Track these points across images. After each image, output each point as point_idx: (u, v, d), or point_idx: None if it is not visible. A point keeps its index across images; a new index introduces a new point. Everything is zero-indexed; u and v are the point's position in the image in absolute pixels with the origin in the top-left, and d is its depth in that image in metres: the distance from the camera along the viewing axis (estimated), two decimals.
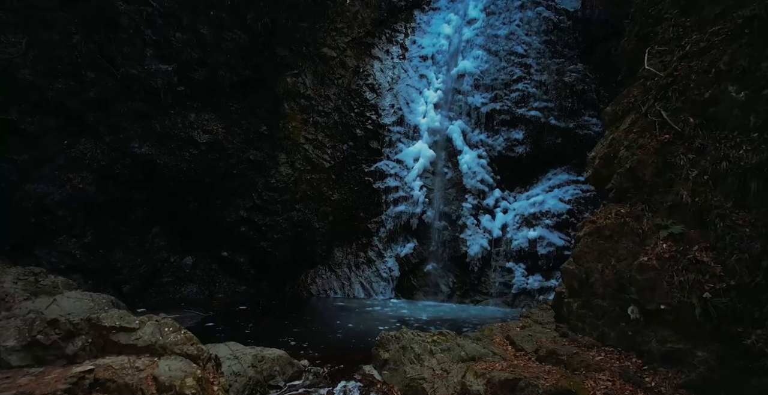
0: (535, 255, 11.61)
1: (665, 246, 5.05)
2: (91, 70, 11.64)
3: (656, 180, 5.50)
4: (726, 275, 4.44)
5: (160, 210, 12.63)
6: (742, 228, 4.47)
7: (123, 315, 4.90)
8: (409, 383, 6.38)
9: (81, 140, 11.68)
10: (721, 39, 5.22)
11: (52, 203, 10.96)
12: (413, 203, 12.93)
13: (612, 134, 6.54)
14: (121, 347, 4.69)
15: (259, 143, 13.53)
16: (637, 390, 4.71)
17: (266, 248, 13.22)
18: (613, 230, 5.80)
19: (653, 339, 5.05)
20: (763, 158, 4.47)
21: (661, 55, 6.12)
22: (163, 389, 4.19)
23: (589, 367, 5.24)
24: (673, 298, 4.76)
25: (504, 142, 12.90)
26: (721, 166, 4.82)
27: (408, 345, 6.85)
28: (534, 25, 13.27)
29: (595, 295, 5.94)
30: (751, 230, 4.39)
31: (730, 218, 4.58)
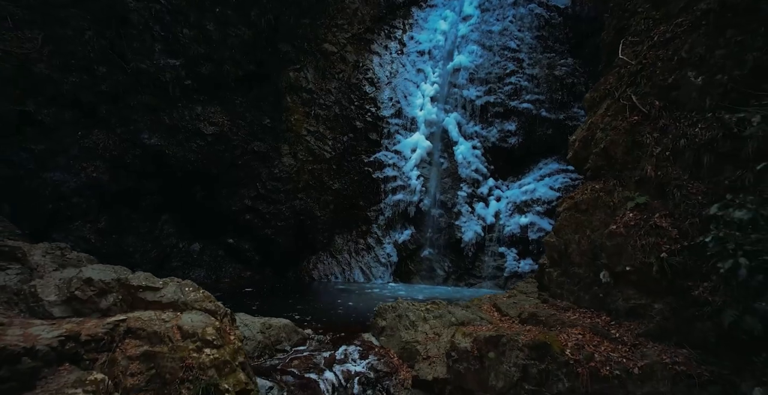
0: (526, 240, 12.20)
1: (631, 215, 5.64)
2: (103, 64, 12.24)
3: (626, 158, 6.09)
4: (680, 237, 5.04)
5: (169, 199, 13.23)
6: (696, 196, 5.06)
7: (148, 276, 5.50)
8: (404, 346, 7.00)
9: (94, 131, 12.29)
10: (683, 30, 5.80)
11: (67, 190, 11.57)
12: (411, 191, 13.52)
13: (590, 119, 7.13)
14: (147, 303, 5.29)
15: (263, 134, 14.11)
16: (603, 341, 5.31)
17: (270, 235, 13.82)
18: (589, 204, 6.39)
19: (620, 298, 5.65)
20: (714, 135, 5.05)
21: (633, 46, 6.69)
22: (187, 336, 4.79)
23: (563, 324, 5.84)
24: (636, 260, 5.36)
25: (497, 133, 13.48)
26: (680, 143, 5.41)
27: (403, 313, 7.45)
28: (526, 21, 13.84)
29: (572, 264, 6.53)
30: (703, 197, 4.98)
31: (686, 188, 5.16)
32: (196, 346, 4.72)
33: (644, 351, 5.01)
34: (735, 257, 3.44)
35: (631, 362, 4.94)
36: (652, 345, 5.05)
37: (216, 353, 4.73)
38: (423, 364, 6.52)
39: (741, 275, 3.44)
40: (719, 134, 4.98)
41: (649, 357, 4.92)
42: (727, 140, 4.91)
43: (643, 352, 5.00)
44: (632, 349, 5.10)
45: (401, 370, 6.70)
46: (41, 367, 3.67)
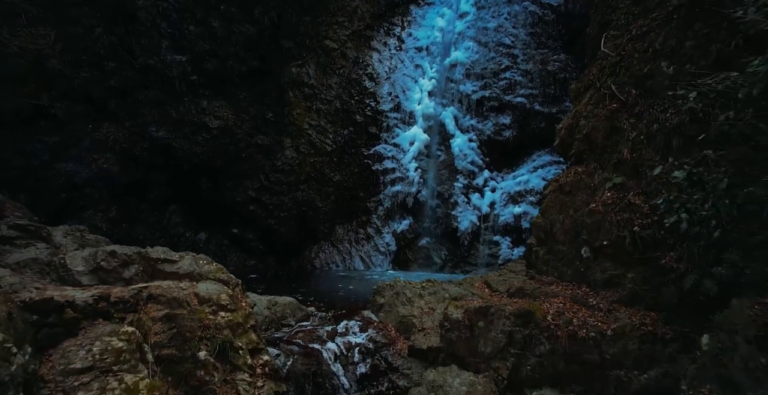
0: (520, 229, 12.69)
1: (609, 194, 6.14)
2: (112, 60, 12.72)
3: (605, 142, 6.58)
4: (651, 213, 5.53)
5: (177, 190, 13.73)
6: (665, 176, 5.55)
7: (165, 250, 6.00)
8: (401, 320, 7.51)
9: (104, 124, 12.78)
10: (658, 24, 6.28)
11: (80, 181, 12.07)
12: (409, 183, 14.01)
13: (575, 108, 7.62)
14: (165, 274, 5.79)
15: (266, 128, 14.59)
16: (582, 308, 5.81)
17: (273, 225, 14.31)
18: (572, 186, 6.88)
19: (598, 271, 6.15)
20: (682, 119, 5.53)
21: (614, 39, 7.18)
22: (203, 301, 5.29)
23: (547, 295, 6.34)
24: (612, 234, 5.85)
25: (492, 126, 13.96)
26: (653, 127, 5.90)
27: (401, 290, 7.96)
28: (521, 18, 14.30)
29: (557, 242, 7.03)
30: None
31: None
32: (212, 310, 5.23)
33: (617, 315, 5.52)
34: (678, 213, 3.92)
35: (605, 325, 5.45)
36: (624, 310, 5.56)
37: (230, 316, 5.24)
38: (418, 335, 7.03)
39: (682, 228, 3.93)
40: (686, 119, 5.46)
41: (621, 320, 5.43)
42: (693, 124, 5.40)
43: (616, 316, 5.51)
44: (607, 314, 5.60)
45: (398, 341, 7.21)
46: (81, 319, 4.17)
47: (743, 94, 3.15)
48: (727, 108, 3.45)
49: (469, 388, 5.68)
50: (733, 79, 3.33)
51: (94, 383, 3.65)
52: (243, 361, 4.93)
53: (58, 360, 3.77)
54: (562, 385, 5.56)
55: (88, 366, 3.75)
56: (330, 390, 6.38)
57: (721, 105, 3.50)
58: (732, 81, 3.32)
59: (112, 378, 3.72)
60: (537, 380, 5.73)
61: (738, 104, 3.30)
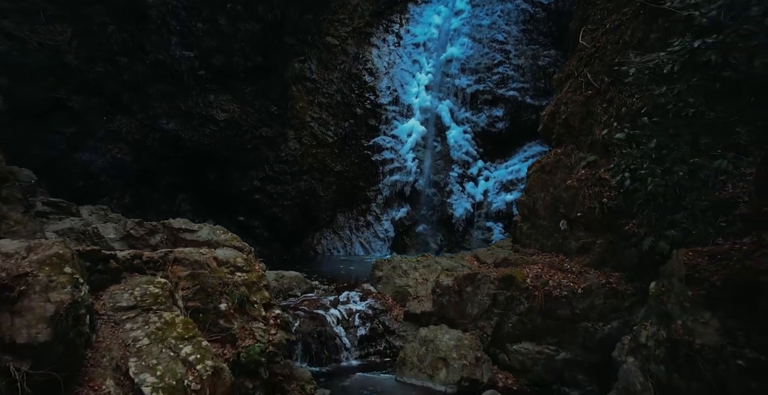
0: (511, 215, 13.32)
1: (583, 172, 6.84)
2: (125, 56, 13.40)
3: (582, 126, 7.27)
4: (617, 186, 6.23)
5: (186, 179, 14.42)
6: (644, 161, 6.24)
7: (186, 221, 6.71)
8: (397, 289, 8.23)
9: (117, 116, 13.46)
10: (628, 18, 6.98)
11: (96, 169, 12.77)
12: (407, 173, 14.71)
13: (557, 96, 8.32)
14: (186, 242, 6.50)
15: (270, 121, 15.28)
16: (557, 272, 6.52)
17: (277, 213, 15.01)
18: (552, 165, 7.59)
19: (572, 240, 6.86)
20: (645, 103, 6.22)
21: (591, 32, 7.87)
22: (221, 263, 6.00)
23: (528, 263, 7.05)
24: (585, 206, 6.56)
25: (486, 119, 14.64)
26: (622, 111, 6.60)
27: (398, 264, 8.68)
28: (513, 15, 14.97)
29: (538, 217, 7.74)
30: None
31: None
32: (230, 270, 5.94)
33: (587, 276, 6.24)
34: (623, 172, 4.62)
35: (576, 285, 6.17)
36: (593, 272, 6.27)
37: (245, 276, 5.95)
38: (413, 302, 7.76)
39: (626, 186, 4.63)
40: (650, 103, 6.16)
41: (589, 280, 6.15)
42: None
43: (586, 277, 6.23)
44: (578, 276, 6.32)
45: (395, 308, 7.94)
46: (122, 270, 4.88)
47: (667, 70, 3.83)
48: (660, 83, 4.13)
49: (457, 342, 6.40)
50: (660, 58, 4.01)
51: (138, 317, 4.37)
52: (258, 313, 5.64)
53: (108, 299, 4.48)
54: (539, 338, 6.28)
55: (132, 304, 4.47)
56: (333, 349, 7.12)
57: (654, 80, 4.19)
58: (659, 59, 3.99)
59: (152, 314, 4.43)
60: (517, 335, 6.45)
61: (666, 79, 3.99)
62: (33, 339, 3.32)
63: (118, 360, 3.91)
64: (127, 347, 4.06)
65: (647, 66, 4.01)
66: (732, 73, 3.38)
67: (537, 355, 6.16)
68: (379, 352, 7.25)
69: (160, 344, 4.14)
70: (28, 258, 3.71)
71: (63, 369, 3.40)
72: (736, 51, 3.32)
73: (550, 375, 6.06)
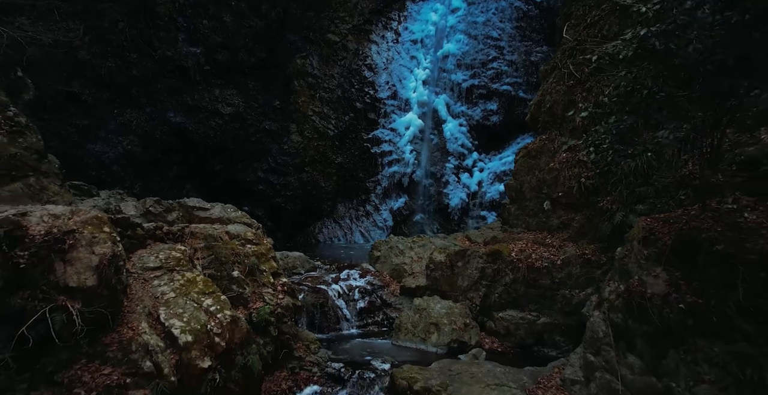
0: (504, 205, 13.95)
1: (565, 155, 7.43)
2: (134, 52, 13.99)
3: (564, 113, 7.85)
4: (594, 166, 6.82)
5: (193, 170, 15.03)
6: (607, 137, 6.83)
7: (199, 200, 7.32)
8: (394, 267, 8.84)
9: (127, 109, 14.06)
10: (606, 13, 7.56)
11: (107, 160, 13.39)
12: (405, 164, 15.30)
13: (543, 87, 8.90)
14: (200, 219, 7.10)
15: (274, 115, 15.87)
16: (540, 247, 7.12)
17: (280, 203, 15.61)
18: (538, 151, 8.18)
19: (554, 218, 7.46)
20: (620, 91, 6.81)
21: (574, 27, 8.45)
22: (233, 237, 6.60)
23: (513, 240, 7.65)
24: (565, 186, 7.16)
25: (481, 112, 15.23)
26: (599, 99, 7.17)
27: (395, 245, 9.28)
28: (507, 13, 15.53)
29: (525, 199, 8.33)
30: (611, 137, 6.76)
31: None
32: (241, 243, 6.54)
33: (566, 249, 6.84)
34: (589, 147, 5.22)
35: (556, 257, 6.77)
36: (571, 245, 6.87)
37: (255, 247, 6.56)
38: (409, 278, 8.37)
39: (591, 158, 5.23)
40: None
41: (568, 252, 6.75)
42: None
43: (565, 250, 6.83)
44: (558, 249, 6.92)
45: (392, 284, 8.56)
46: (147, 237, 5.48)
47: (622, 56, 4.41)
48: (618, 67, 4.73)
49: (448, 310, 7.01)
50: (615, 45, 4.59)
51: (164, 276, 4.97)
52: (267, 280, 6.24)
53: (137, 261, 5.08)
54: (522, 306, 6.88)
55: (158, 265, 5.07)
56: (334, 319, 7.73)
57: (613, 65, 4.78)
58: (616, 47, 4.57)
59: (176, 273, 5.04)
60: (502, 304, 7.06)
61: (623, 64, 4.57)
62: (82, 283, 3.93)
63: (150, 309, 4.52)
64: (156, 299, 4.67)
65: (607, 53, 4.59)
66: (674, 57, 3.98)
67: (520, 321, 6.76)
68: (377, 323, 7.85)
69: (184, 297, 4.75)
70: (73, 219, 4.32)
71: (107, 309, 4.02)
72: (675, 38, 3.91)
73: (531, 337, 6.65)
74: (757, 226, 4.16)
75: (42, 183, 5.14)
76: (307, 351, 6.15)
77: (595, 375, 4.78)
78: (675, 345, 4.14)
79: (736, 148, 5.16)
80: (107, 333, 4.07)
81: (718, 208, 4.52)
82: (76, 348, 3.83)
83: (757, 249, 3.91)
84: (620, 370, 4.47)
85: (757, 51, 3.97)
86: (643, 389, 4.26)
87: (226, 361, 4.50)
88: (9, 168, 4.90)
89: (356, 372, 5.76)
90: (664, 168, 6.03)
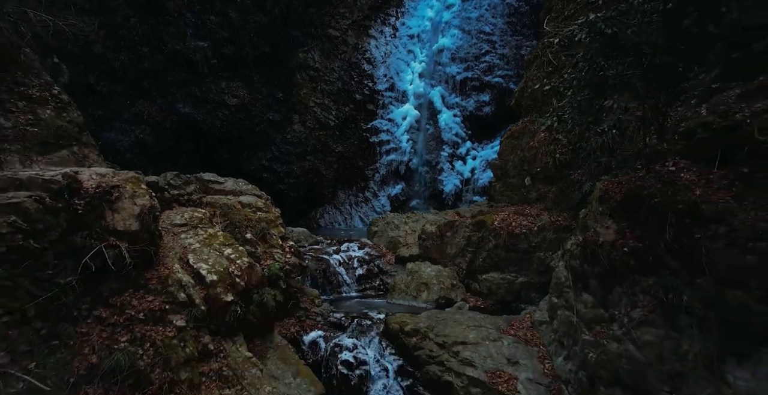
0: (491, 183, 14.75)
1: (543, 135, 8.25)
2: (145, 46, 14.80)
3: (543, 98, 8.66)
4: (568, 144, 7.64)
5: (202, 159, 15.85)
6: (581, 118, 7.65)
7: (213, 175, 8.15)
8: (390, 240, 9.67)
9: (139, 101, 14.89)
10: (580, 7, 8.36)
11: (122, 147, 14.22)
12: (402, 153, 16.12)
13: (527, 74, 9.71)
14: (215, 191, 7.93)
15: (277, 106, 16.68)
16: (519, 216, 7.94)
17: (284, 190, 16.43)
18: (520, 132, 8.99)
19: (533, 191, 8.28)
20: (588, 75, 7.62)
21: (554, 19, 9.25)
22: (245, 206, 7.44)
23: (497, 212, 8.47)
24: (542, 162, 7.97)
25: (474, 103, 16.02)
26: (573, 83, 7.97)
27: (391, 220, 10.12)
28: (499, 9, 16.31)
29: (508, 176, 9.15)
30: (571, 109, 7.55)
31: (579, 117, 7.74)
32: (252, 211, 7.38)
33: (541, 217, 7.66)
34: (551, 118, 6.04)
35: (533, 224, 7.60)
36: (546, 214, 7.69)
37: (265, 214, 7.39)
38: (403, 248, 9.20)
39: (553, 127, 6.05)
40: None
41: (543, 220, 7.58)
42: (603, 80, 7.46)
43: (541, 218, 7.65)
44: (535, 218, 7.74)
45: (387, 254, 9.39)
46: (172, 201, 6.32)
47: (578, 38, 5.20)
48: (575, 48, 5.54)
49: (437, 273, 7.84)
50: (572, 30, 5.39)
51: (190, 231, 5.81)
52: (276, 242, 7.07)
53: (165, 219, 5.91)
54: (502, 268, 7.71)
55: (184, 223, 5.91)
56: (336, 284, 8.57)
57: (571, 46, 5.59)
58: (572, 30, 5.36)
59: (200, 229, 5.88)
60: (486, 267, 7.89)
61: (579, 45, 5.38)
62: (128, 227, 4.77)
63: (180, 255, 5.36)
64: (185, 248, 5.50)
65: (566, 36, 5.40)
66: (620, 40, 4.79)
67: (501, 281, 7.58)
68: (374, 287, 8.68)
69: (208, 247, 5.59)
70: (116, 177, 5.15)
71: (149, 247, 4.86)
72: (618, 23, 4.72)
73: (510, 295, 7.47)
74: (689, 183, 4.96)
75: (83, 152, 5.98)
76: (312, 304, 6.99)
77: (557, 314, 5.61)
78: (619, 282, 4.96)
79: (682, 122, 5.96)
80: (148, 270, 4.91)
81: (661, 170, 5.33)
82: (126, 279, 4.66)
83: (685, 200, 4.71)
84: (576, 306, 5.30)
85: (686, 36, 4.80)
86: (593, 319, 5.09)
87: (245, 298, 5.34)
88: (57, 138, 5.73)
89: (355, 320, 6.60)
90: (626, 143, 6.85)
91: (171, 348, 4.39)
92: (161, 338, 4.42)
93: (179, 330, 4.58)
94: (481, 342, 5.68)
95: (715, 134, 4.95)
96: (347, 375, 5.78)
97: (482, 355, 5.49)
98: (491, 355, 5.50)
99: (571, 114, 5.78)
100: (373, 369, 5.81)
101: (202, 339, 4.75)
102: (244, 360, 4.89)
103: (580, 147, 7.42)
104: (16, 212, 3.98)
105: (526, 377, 5.26)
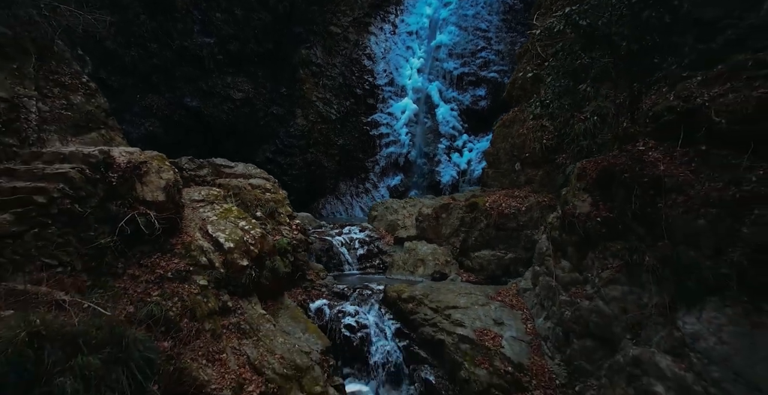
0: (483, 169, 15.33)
1: (531, 123, 8.84)
2: (154, 42, 15.38)
3: (532, 88, 9.25)
4: (554, 130, 8.24)
5: (209, 150, 16.43)
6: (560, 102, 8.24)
7: (225, 160, 8.76)
8: (389, 223, 10.28)
9: (149, 94, 15.49)
10: (566, 3, 8.93)
11: (133, 140, 14.76)
12: (401, 145, 16.72)
13: (518, 67, 10.30)
14: (227, 174, 8.54)
15: (281, 100, 17.28)
16: (509, 198, 8.54)
17: (287, 181, 17.00)
18: (511, 120, 9.59)
19: (522, 176, 8.88)
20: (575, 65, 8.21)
21: (543, 15, 9.83)
22: (254, 187, 8.05)
23: (488, 195, 9.07)
24: (530, 147, 8.57)
25: (470, 98, 16.61)
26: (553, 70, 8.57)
27: (390, 205, 10.73)
28: (494, 7, 16.89)
29: (500, 163, 9.75)
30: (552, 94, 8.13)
31: (559, 101, 8.34)
32: (261, 191, 7.99)
33: (529, 198, 8.27)
34: (534, 104, 6.64)
35: (521, 205, 8.20)
36: (534, 196, 8.30)
37: (273, 195, 8.00)
38: (401, 230, 9.81)
39: (536, 112, 6.65)
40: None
41: (530, 201, 8.18)
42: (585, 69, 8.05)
43: (528, 199, 8.26)
44: (523, 199, 8.35)
45: (386, 236, 10.00)
46: (189, 180, 6.93)
47: (556, 29, 5.80)
48: (555, 38, 6.14)
49: (432, 251, 8.45)
50: (551, 21, 5.98)
51: (207, 206, 6.42)
52: (283, 220, 7.69)
53: (185, 196, 6.52)
54: (493, 246, 8.31)
55: (202, 198, 6.52)
56: (338, 262, 9.18)
57: (551, 36, 6.19)
58: (551, 22, 5.95)
59: (216, 204, 6.49)
60: (478, 245, 8.49)
61: (558, 35, 5.98)
62: (155, 198, 5.38)
63: (200, 225, 5.97)
64: (203, 220, 6.12)
65: (546, 27, 6.01)
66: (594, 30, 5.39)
67: (491, 257, 8.18)
68: (374, 266, 9.29)
69: (224, 219, 6.20)
70: (143, 155, 5.76)
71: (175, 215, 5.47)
72: (591, 15, 5.32)
73: (500, 270, 8.07)
74: (655, 160, 5.56)
75: (110, 134, 6.59)
76: (318, 276, 7.61)
77: (539, 280, 6.23)
78: (592, 248, 5.57)
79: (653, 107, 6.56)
80: (173, 236, 5.52)
81: (632, 150, 5.93)
82: (154, 243, 5.28)
83: (649, 175, 5.31)
84: (555, 272, 5.91)
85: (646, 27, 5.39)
86: (570, 282, 5.69)
87: (258, 263, 5.96)
88: (87, 121, 6.34)
89: (356, 291, 7.22)
90: (606, 129, 7.45)
91: (196, 303, 5.01)
92: (187, 293, 5.03)
93: (202, 288, 5.20)
94: (471, 306, 6.29)
95: (679, 117, 5.54)
96: (350, 336, 6.40)
97: (471, 317, 6.10)
98: (479, 317, 6.11)
99: (552, 98, 6.37)
100: (373, 332, 6.43)
101: (222, 297, 5.36)
102: (259, 316, 5.51)
103: (565, 133, 8.03)
104: (64, 180, 4.59)
105: (510, 335, 5.87)
